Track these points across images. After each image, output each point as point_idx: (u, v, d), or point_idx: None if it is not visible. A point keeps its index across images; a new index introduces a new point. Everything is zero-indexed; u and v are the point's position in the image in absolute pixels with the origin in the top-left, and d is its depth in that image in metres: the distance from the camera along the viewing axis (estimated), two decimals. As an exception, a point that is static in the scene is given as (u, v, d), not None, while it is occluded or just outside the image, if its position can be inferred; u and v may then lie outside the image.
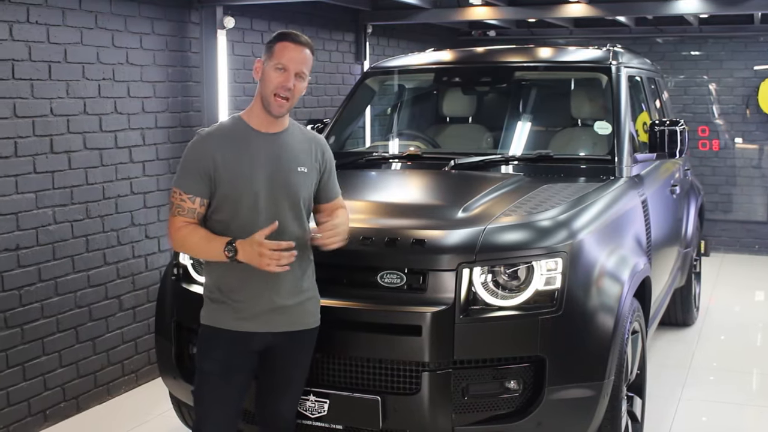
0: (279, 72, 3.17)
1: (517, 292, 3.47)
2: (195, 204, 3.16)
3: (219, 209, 3.20)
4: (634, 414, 4.16)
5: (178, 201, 3.17)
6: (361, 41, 8.06)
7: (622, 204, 4.25)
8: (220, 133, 3.24)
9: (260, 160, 3.19)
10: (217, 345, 3.25)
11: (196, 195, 3.16)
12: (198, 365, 3.33)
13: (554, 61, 5.31)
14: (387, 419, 3.44)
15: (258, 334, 3.23)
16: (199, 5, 5.82)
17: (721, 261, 9.21)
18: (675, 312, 6.58)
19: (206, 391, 3.27)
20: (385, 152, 5.20)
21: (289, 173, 3.24)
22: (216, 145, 3.18)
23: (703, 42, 9.65)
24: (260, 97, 3.22)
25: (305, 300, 3.31)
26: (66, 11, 4.82)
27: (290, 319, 3.27)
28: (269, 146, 3.23)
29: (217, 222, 3.21)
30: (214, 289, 3.27)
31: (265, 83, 3.20)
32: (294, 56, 3.17)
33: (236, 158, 3.17)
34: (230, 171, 3.16)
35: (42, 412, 4.82)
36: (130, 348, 5.44)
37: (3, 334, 4.55)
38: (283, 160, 3.24)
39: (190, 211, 3.17)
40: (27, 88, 4.60)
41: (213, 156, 3.16)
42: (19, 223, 4.60)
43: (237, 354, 3.24)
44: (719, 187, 9.70)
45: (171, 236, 3.23)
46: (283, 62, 3.16)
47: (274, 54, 3.18)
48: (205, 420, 3.28)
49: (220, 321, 3.24)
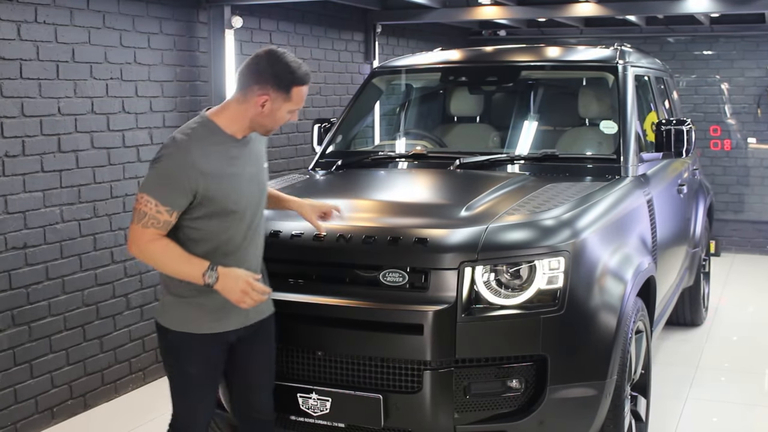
0: (290, 112, 3.15)
1: (519, 291, 3.46)
2: (172, 217, 3.01)
3: (206, 220, 3.09)
4: (639, 413, 4.15)
5: (153, 212, 2.99)
6: (370, 41, 8.07)
7: (626, 203, 4.24)
8: (201, 142, 3.07)
9: (243, 170, 3.17)
10: (199, 349, 3.21)
11: (174, 209, 3.01)
12: (179, 369, 3.26)
13: (561, 60, 5.30)
14: (389, 418, 3.45)
15: (232, 330, 3.24)
16: (207, 5, 5.84)
17: (732, 261, 9.17)
18: (683, 312, 6.56)
19: (192, 392, 3.27)
20: (391, 152, 5.21)
21: (261, 173, 3.31)
22: (201, 159, 3.02)
23: (714, 41, 9.61)
24: (252, 120, 3.12)
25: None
26: (74, 11, 4.85)
27: (257, 308, 3.28)
28: (245, 152, 3.21)
29: (196, 230, 3.10)
30: (194, 293, 3.14)
31: (273, 121, 3.14)
32: (304, 96, 3.17)
33: (224, 173, 3.09)
34: (220, 187, 3.07)
35: (49, 409, 4.85)
36: (137, 346, 5.47)
37: (10, 332, 4.58)
38: (255, 163, 3.27)
39: (165, 224, 3.01)
40: (35, 88, 4.63)
41: (202, 171, 3.01)
42: (27, 221, 4.63)
43: (215, 355, 3.25)
44: (730, 187, 9.66)
45: (138, 247, 3.04)
46: (298, 106, 3.15)
47: (292, 98, 3.11)
48: (193, 418, 3.29)
49: (197, 326, 3.17)
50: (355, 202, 4.18)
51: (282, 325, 3.54)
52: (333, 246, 3.57)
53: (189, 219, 3.08)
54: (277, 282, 3.62)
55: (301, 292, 3.60)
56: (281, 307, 3.54)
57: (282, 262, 3.67)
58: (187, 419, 3.30)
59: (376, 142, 6.53)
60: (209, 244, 3.12)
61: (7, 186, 4.51)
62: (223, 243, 3.14)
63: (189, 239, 3.11)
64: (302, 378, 3.59)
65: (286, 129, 6.92)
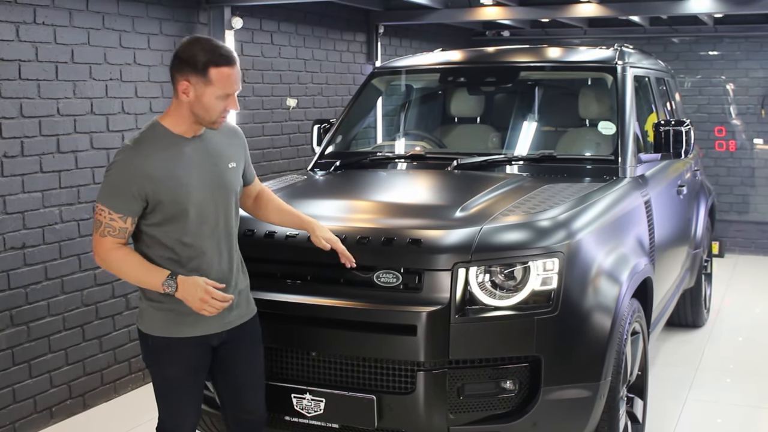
0: (223, 98, 3.03)
1: (514, 292, 3.46)
2: (126, 223, 3.02)
3: (163, 225, 3.08)
4: (635, 415, 4.14)
5: (107, 221, 3.01)
6: (372, 41, 8.08)
7: (623, 204, 4.23)
8: (149, 148, 3.06)
9: (195, 169, 3.11)
10: (175, 354, 3.20)
11: (128, 215, 3.02)
12: (161, 373, 3.26)
13: (560, 61, 5.29)
14: (383, 418, 3.45)
15: (212, 334, 3.24)
16: (207, 6, 5.86)
17: (736, 262, 9.15)
18: (685, 313, 6.54)
19: (174, 395, 3.26)
20: (389, 152, 5.21)
21: (223, 173, 3.22)
22: (148, 164, 3.02)
23: (718, 42, 9.58)
24: (193, 114, 3.07)
25: (244, 289, 3.35)
26: (73, 12, 4.86)
27: (239, 312, 3.29)
28: (199, 151, 3.16)
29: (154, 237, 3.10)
30: (164, 299, 3.13)
31: (204, 110, 3.04)
32: (234, 79, 3.04)
33: (172, 174, 3.06)
34: (170, 190, 3.04)
35: (48, 409, 4.87)
36: (137, 346, 5.46)
37: (9, 332, 4.60)
38: (214, 162, 3.19)
39: (121, 231, 3.02)
40: (34, 89, 4.65)
41: (148, 175, 3.00)
42: (26, 221, 4.65)
43: (198, 357, 3.24)
44: (734, 188, 9.62)
45: (99, 257, 3.08)
46: (228, 90, 3.03)
47: (213, 82, 3.00)
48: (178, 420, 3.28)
49: (174, 331, 3.17)
50: (351, 203, 4.19)
51: (276, 326, 3.55)
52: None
53: (146, 225, 3.09)
54: (271, 282, 3.62)
55: (295, 293, 3.60)
56: (275, 308, 3.55)
57: (276, 262, 3.69)
58: (172, 423, 3.29)
59: (376, 142, 6.53)
60: (169, 251, 3.11)
61: (6, 186, 4.53)
62: (184, 249, 3.10)
63: (149, 246, 3.12)
64: (296, 378, 3.59)
65: (287, 130, 6.94)
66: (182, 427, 3.30)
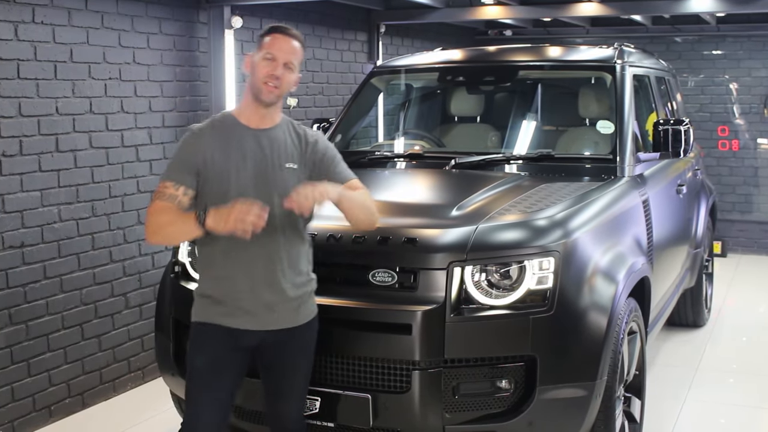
0: (267, 62, 3.17)
1: (509, 291, 3.46)
2: (178, 191, 3.11)
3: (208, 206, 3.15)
4: (632, 414, 4.14)
5: (161, 188, 3.13)
6: (373, 41, 8.07)
7: (620, 204, 4.23)
8: (211, 129, 3.24)
9: (247, 157, 3.19)
10: (205, 341, 3.25)
11: (180, 183, 3.13)
12: (190, 360, 3.32)
13: (559, 60, 5.29)
14: (378, 417, 3.45)
15: (246, 331, 3.22)
16: (206, 5, 5.86)
17: (738, 262, 9.13)
18: (685, 313, 6.53)
19: (195, 387, 3.27)
20: (388, 151, 5.21)
21: (277, 170, 3.22)
22: (206, 142, 3.19)
23: (720, 41, 9.56)
24: (250, 89, 3.23)
25: (296, 298, 3.26)
26: (72, 11, 4.87)
27: (281, 317, 3.24)
28: (257, 142, 3.23)
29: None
30: (204, 286, 3.28)
31: (254, 73, 3.20)
32: (282, 46, 3.19)
33: (224, 155, 3.18)
34: (218, 168, 3.16)
35: (47, 407, 4.87)
36: (136, 345, 5.49)
37: (8, 330, 4.61)
38: (270, 157, 3.23)
39: (171, 197, 3.11)
40: (32, 88, 4.66)
41: (203, 152, 3.16)
42: (24, 220, 4.65)
43: (224, 350, 3.23)
44: (737, 188, 9.60)
45: (146, 222, 3.13)
46: (272, 52, 3.17)
47: (264, 45, 3.21)
48: (194, 417, 3.27)
49: (208, 316, 3.24)
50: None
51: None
52: (323, 245, 3.57)
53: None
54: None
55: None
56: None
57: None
58: (190, 415, 3.29)
59: (376, 141, 6.52)
60: (213, 241, 3.16)
61: (4, 185, 4.54)
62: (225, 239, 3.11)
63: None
64: (292, 377, 3.59)
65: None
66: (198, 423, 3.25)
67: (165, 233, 3.15)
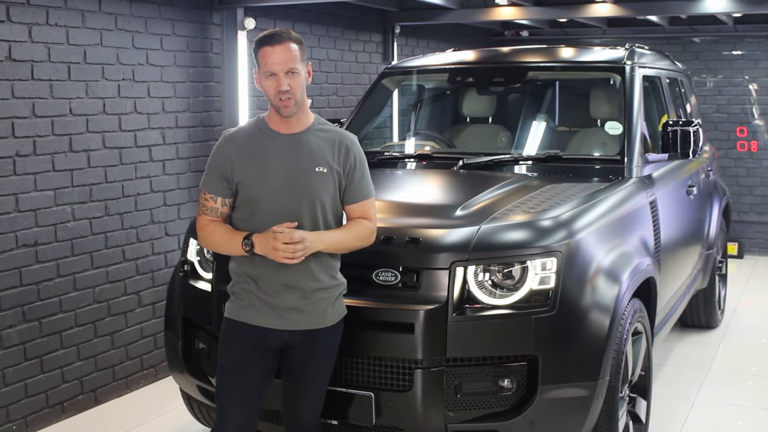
0: (271, 79, 3.19)
1: (511, 291, 3.48)
2: (217, 204, 3.28)
3: (240, 210, 3.29)
4: (637, 415, 4.14)
5: (203, 200, 3.30)
6: (388, 42, 8.10)
7: (626, 204, 4.23)
8: (241, 135, 3.31)
9: (276, 162, 3.23)
10: (233, 339, 3.30)
11: (218, 195, 3.27)
12: (219, 362, 3.36)
13: (569, 61, 5.30)
14: (381, 415, 3.48)
15: (273, 331, 3.26)
16: (220, 6, 5.91)
17: (755, 264, 9.06)
18: (698, 314, 6.51)
19: (223, 386, 3.32)
20: (397, 152, 5.24)
21: (307, 174, 3.23)
22: (235, 148, 3.26)
23: (738, 41, 9.50)
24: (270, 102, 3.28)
25: (323, 300, 3.29)
26: (85, 13, 4.93)
27: (306, 318, 3.27)
28: (287, 147, 3.25)
29: (241, 221, 3.29)
30: (235, 284, 3.34)
31: (265, 92, 3.24)
32: (276, 59, 3.16)
33: (252, 161, 3.23)
34: (246, 174, 3.23)
35: (60, 404, 4.94)
36: (149, 343, 5.55)
37: (21, 328, 4.68)
38: (300, 161, 3.24)
39: (213, 210, 3.28)
40: (46, 89, 4.73)
41: (231, 158, 3.25)
42: (38, 219, 4.72)
43: (252, 349, 3.27)
44: (754, 189, 9.53)
45: (198, 235, 3.34)
46: (269, 69, 3.17)
47: (260, 63, 3.22)
48: (225, 415, 3.30)
49: (238, 314, 3.30)
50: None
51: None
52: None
53: (236, 219, 3.32)
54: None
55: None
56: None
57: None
58: (219, 414, 3.33)
59: (387, 142, 6.55)
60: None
61: (19, 185, 4.61)
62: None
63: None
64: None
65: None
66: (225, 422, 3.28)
67: (216, 249, 3.38)
